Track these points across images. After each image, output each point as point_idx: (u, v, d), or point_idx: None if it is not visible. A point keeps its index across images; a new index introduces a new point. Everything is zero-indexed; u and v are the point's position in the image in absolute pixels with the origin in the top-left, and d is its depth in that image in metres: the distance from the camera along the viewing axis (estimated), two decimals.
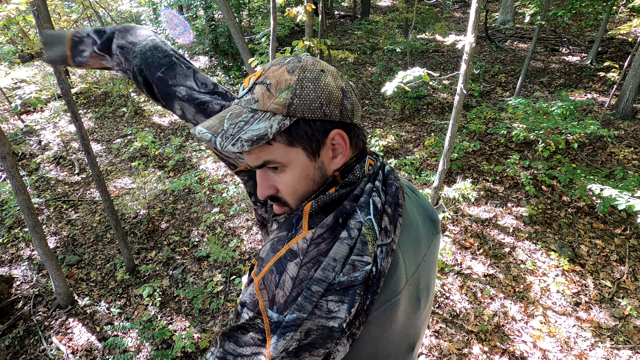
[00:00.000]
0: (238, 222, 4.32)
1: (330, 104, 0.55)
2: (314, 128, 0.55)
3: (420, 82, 4.82)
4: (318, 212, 0.56)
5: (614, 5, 6.28)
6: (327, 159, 0.58)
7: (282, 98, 0.53)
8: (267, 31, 5.65)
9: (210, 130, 0.54)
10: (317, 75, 0.55)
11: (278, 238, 0.55)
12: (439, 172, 2.61)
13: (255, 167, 0.59)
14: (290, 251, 0.52)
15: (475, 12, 2.09)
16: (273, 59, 3.67)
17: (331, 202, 0.57)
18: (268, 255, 0.54)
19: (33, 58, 10.40)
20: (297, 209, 0.60)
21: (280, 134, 0.54)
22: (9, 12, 2.28)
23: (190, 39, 8.82)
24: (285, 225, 0.57)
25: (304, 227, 0.55)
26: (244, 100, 0.57)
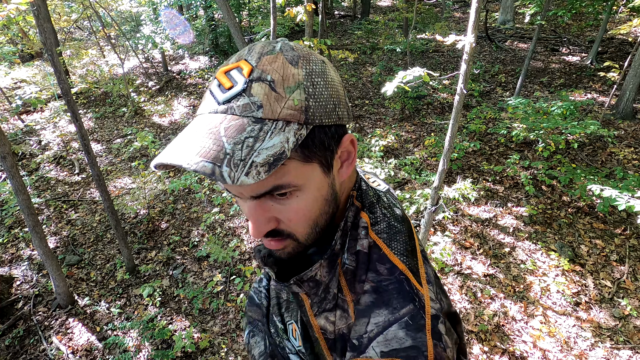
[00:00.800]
0: (238, 222, 4.32)
1: (340, 103, 0.46)
2: (330, 135, 0.45)
3: (420, 82, 4.82)
4: (410, 265, 0.50)
5: (614, 5, 6.28)
6: (336, 171, 0.50)
7: (296, 100, 0.41)
8: (267, 31, 5.65)
9: (207, 158, 0.37)
10: (322, 67, 0.45)
11: (410, 314, 0.45)
12: (439, 172, 2.60)
13: (251, 198, 0.45)
14: (434, 317, 0.46)
15: (475, 12, 2.09)
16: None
17: (407, 246, 0.52)
18: (418, 338, 0.43)
19: (33, 58, 10.41)
20: (306, 240, 0.50)
21: (296, 148, 0.42)
22: (9, 12, 2.28)
23: (190, 39, 8.82)
24: (398, 297, 0.46)
25: (418, 287, 0.48)
26: (238, 105, 0.41)
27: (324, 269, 0.51)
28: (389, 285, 0.47)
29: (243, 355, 2.92)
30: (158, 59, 9.36)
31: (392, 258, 0.49)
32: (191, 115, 7.07)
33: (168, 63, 9.16)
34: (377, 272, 0.49)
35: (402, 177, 4.65)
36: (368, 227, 0.52)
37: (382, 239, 0.51)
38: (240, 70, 0.42)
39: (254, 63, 0.42)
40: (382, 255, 0.50)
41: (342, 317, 0.50)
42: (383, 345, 0.43)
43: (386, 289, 0.47)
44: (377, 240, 0.51)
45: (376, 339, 0.44)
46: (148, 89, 8.21)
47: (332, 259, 0.51)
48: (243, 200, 0.47)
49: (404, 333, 0.43)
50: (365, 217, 0.53)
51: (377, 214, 0.54)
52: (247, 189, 0.44)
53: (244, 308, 0.58)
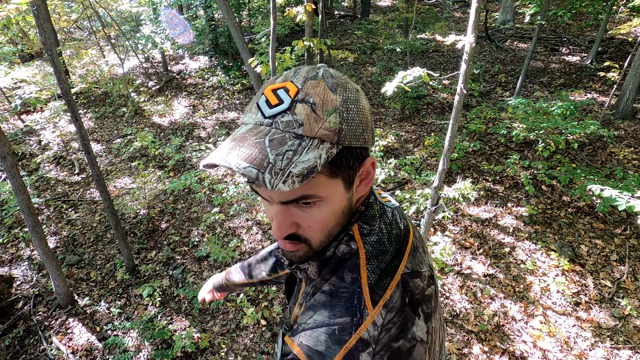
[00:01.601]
0: (238, 222, 4.32)
1: (367, 128, 0.51)
2: (355, 156, 0.50)
3: (420, 82, 4.82)
4: (376, 284, 0.50)
5: (614, 5, 6.28)
6: (355, 187, 0.54)
7: (332, 123, 0.46)
8: (267, 31, 5.64)
9: (253, 164, 0.43)
10: (356, 95, 0.51)
11: (340, 326, 0.47)
12: (439, 172, 2.61)
13: (280, 203, 0.51)
14: (361, 341, 0.46)
15: (475, 12, 2.09)
16: (273, 59, 3.67)
17: (386, 266, 0.52)
18: (330, 349, 0.45)
19: (33, 58, 10.41)
20: (318, 246, 0.55)
21: (326, 164, 0.47)
22: (8, 12, 2.28)
23: (190, 39, 8.82)
24: (342, 306, 0.49)
25: (368, 306, 0.48)
26: (282, 121, 0.46)
27: (314, 268, 0.58)
28: (344, 294, 0.51)
29: (243, 355, 2.92)
30: (158, 59, 9.36)
31: (361, 270, 0.52)
32: (191, 115, 7.07)
33: (168, 63, 9.16)
34: (341, 278, 0.53)
35: (402, 177, 4.65)
36: (355, 235, 0.56)
37: (365, 250, 0.54)
38: (286, 91, 0.48)
39: (299, 85, 0.48)
40: (356, 264, 0.53)
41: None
42: (304, 338, 0.49)
43: (339, 296, 0.51)
44: (360, 249, 0.54)
45: (306, 331, 0.50)
46: (148, 89, 8.21)
47: (322, 262, 0.57)
48: (269, 204, 0.53)
49: (324, 338, 0.47)
50: (355, 227, 0.56)
51: (373, 227, 0.57)
52: (277, 195, 0.49)
53: None
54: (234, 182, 5.01)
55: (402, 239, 0.57)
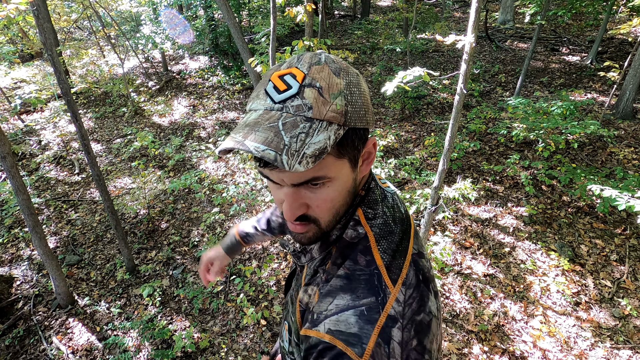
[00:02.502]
0: (238, 222, 4.32)
1: (369, 110, 0.54)
2: (359, 137, 0.53)
3: (420, 82, 4.82)
4: (390, 263, 0.53)
5: (614, 5, 6.28)
6: (359, 168, 0.57)
7: (339, 105, 0.49)
8: (267, 31, 5.64)
9: (270, 147, 0.45)
10: (358, 79, 0.53)
11: (367, 306, 0.48)
12: (439, 172, 2.61)
13: (291, 185, 0.52)
14: (390, 317, 0.47)
15: (475, 12, 2.09)
16: (273, 59, 3.67)
17: (396, 247, 0.55)
18: (364, 329, 0.46)
19: (33, 58, 10.41)
20: (327, 226, 0.57)
21: (334, 145, 0.49)
22: (8, 12, 2.28)
23: (190, 38, 8.82)
24: (364, 288, 0.50)
25: (388, 285, 0.50)
26: (292, 105, 0.48)
27: (316, 246, 0.62)
28: (361, 276, 0.52)
29: (243, 355, 2.92)
30: (158, 59, 9.36)
31: (374, 252, 0.54)
32: (191, 115, 7.07)
33: (168, 63, 9.16)
34: (355, 262, 0.54)
35: (402, 177, 4.65)
36: (361, 219, 0.58)
37: (374, 232, 0.56)
38: (293, 77, 0.50)
39: (305, 71, 0.50)
40: (367, 247, 0.54)
41: (314, 293, 0.57)
42: (332, 324, 0.48)
43: (357, 278, 0.51)
44: (369, 233, 0.56)
45: (330, 318, 0.49)
46: (148, 89, 8.21)
47: (325, 243, 0.60)
48: (279, 187, 0.55)
49: (355, 320, 0.47)
50: (359, 211, 0.59)
51: (377, 210, 0.59)
52: (289, 177, 0.51)
53: None
54: (234, 182, 5.01)
55: (405, 221, 0.60)
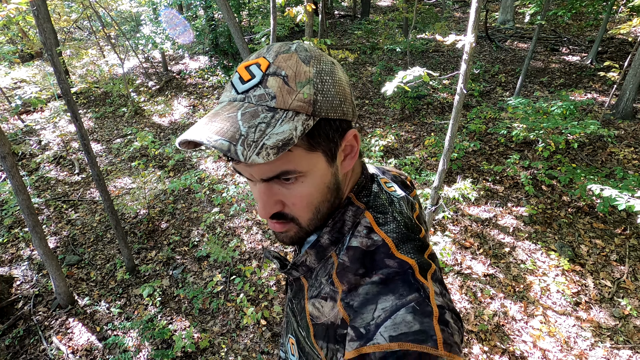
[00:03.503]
0: (238, 222, 4.32)
1: (346, 100, 0.51)
2: (334, 128, 0.50)
3: (420, 81, 4.82)
4: (420, 262, 0.51)
5: (614, 5, 6.28)
6: (339, 162, 0.54)
7: (306, 94, 0.46)
8: (267, 31, 5.64)
9: (224, 137, 0.42)
10: (332, 67, 0.50)
11: (415, 301, 0.46)
12: (439, 172, 2.61)
13: (261, 180, 0.50)
14: (439, 307, 0.46)
15: (475, 12, 2.09)
16: None
17: (417, 248, 0.53)
18: (425, 322, 0.44)
19: (33, 58, 10.41)
20: (308, 225, 0.54)
21: (302, 137, 0.47)
22: (8, 12, 2.28)
23: (190, 38, 8.82)
24: (404, 287, 0.47)
25: (423, 281, 0.48)
26: (255, 95, 0.46)
27: (312, 257, 0.58)
28: (397, 276, 0.49)
29: (243, 355, 2.92)
30: (158, 59, 9.36)
31: (399, 256, 0.51)
32: (191, 115, 7.07)
33: (168, 63, 9.16)
34: (386, 267, 0.50)
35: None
36: (372, 225, 0.55)
37: (391, 237, 0.53)
38: (258, 66, 0.48)
39: (271, 60, 0.48)
40: (390, 253, 0.51)
41: (333, 307, 0.52)
42: (391, 330, 0.43)
43: (394, 279, 0.48)
44: (387, 239, 0.53)
45: (384, 324, 0.44)
46: (148, 89, 8.21)
47: (319, 250, 0.57)
48: (254, 184, 0.52)
49: (411, 317, 0.44)
50: (369, 216, 0.56)
51: (387, 216, 0.56)
52: (257, 172, 0.49)
53: None
54: (234, 182, 5.01)
55: (416, 227, 0.58)
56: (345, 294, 0.51)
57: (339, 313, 0.50)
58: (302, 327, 0.59)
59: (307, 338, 0.57)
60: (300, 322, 0.60)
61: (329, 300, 0.53)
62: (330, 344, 0.51)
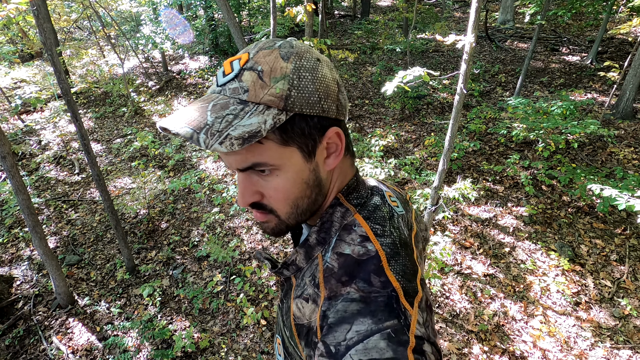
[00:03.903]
0: (238, 222, 4.32)
1: (328, 98, 0.50)
2: (312, 125, 0.50)
3: (420, 81, 4.82)
4: (406, 286, 0.49)
5: (614, 5, 6.27)
6: (321, 160, 0.54)
7: (278, 89, 0.47)
8: (267, 31, 5.65)
9: (190, 125, 0.45)
10: (314, 64, 0.50)
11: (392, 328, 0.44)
12: (439, 172, 2.61)
13: (238, 170, 0.52)
14: (417, 338, 0.44)
15: (475, 12, 2.09)
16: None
17: (407, 269, 0.51)
18: (398, 351, 0.42)
19: (33, 58, 10.41)
20: (287, 218, 0.55)
21: (274, 131, 0.47)
22: (8, 12, 2.28)
23: (190, 38, 8.82)
24: (384, 311, 0.46)
25: (407, 308, 0.46)
26: (230, 88, 0.48)
27: (301, 255, 0.58)
28: (379, 298, 0.47)
29: (243, 355, 2.92)
30: (158, 59, 9.36)
31: (388, 274, 0.49)
32: None
33: (168, 63, 9.16)
34: (369, 284, 0.48)
35: (402, 177, 4.65)
36: (369, 235, 0.53)
37: (385, 252, 0.52)
38: (239, 61, 0.49)
39: (252, 55, 0.49)
40: (380, 267, 0.50)
41: (314, 310, 0.51)
42: (362, 354, 0.42)
43: (375, 301, 0.47)
44: (380, 252, 0.51)
45: (355, 347, 0.43)
46: (148, 89, 8.21)
47: (308, 250, 0.57)
48: (237, 174, 0.54)
49: (385, 344, 0.42)
50: (365, 225, 0.55)
51: (385, 228, 0.55)
52: (232, 162, 0.50)
53: None
54: (234, 182, 5.00)
55: (409, 246, 0.57)
56: (326, 301, 0.50)
57: (316, 320, 0.50)
58: (286, 327, 0.59)
59: (291, 338, 0.57)
60: (286, 321, 0.60)
61: (311, 303, 0.53)
62: (307, 347, 0.51)
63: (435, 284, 3.18)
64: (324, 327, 0.47)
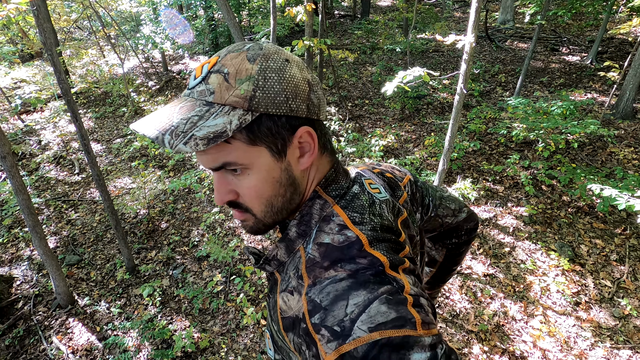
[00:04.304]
0: (238, 222, 4.32)
1: (297, 97, 0.51)
2: (279, 124, 0.50)
3: (420, 81, 4.82)
4: (392, 259, 0.52)
5: (614, 5, 6.27)
6: (294, 159, 0.54)
7: (243, 90, 0.48)
8: (267, 31, 5.65)
9: (157, 127, 0.46)
10: (282, 65, 0.51)
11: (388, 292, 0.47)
12: (439, 172, 2.61)
13: (212, 170, 0.53)
14: (412, 295, 0.48)
15: (475, 12, 2.09)
16: None
17: (392, 248, 0.54)
18: (400, 309, 0.45)
19: (33, 58, 10.41)
20: (263, 217, 0.56)
21: (241, 131, 0.49)
22: (8, 12, 2.28)
23: (190, 38, 8.82)
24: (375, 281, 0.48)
25: (395, 275, 0.49)
26: (197, 91, 0.50)
27: (282, 250, 0.58)
28: (367, 272, 0.48)
29: (243, 355, 2.92)
30: (158, 59, 9.36)
31: (373, 252, 0.51)
32: None
33: (168, 63, 9.16)
34: (356, 264, 0.50)
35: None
36: (346, 223, 0.54)
37: (366, 235, 0.53)
38: (209, 64, 0.51)
39: (220, 58, 0.51)
40: (362, 250, 0.51)
41: (299, 300, 0.52)
42: (368, 322, 0.43)
43: (365, 274, 0.48)
44: (361, 236, 0.53)
45: (360, 318, 0.44)
46: (148, 88, 8.21)
47: (289, 243, 0.58)
48: (213, 174, 0.56)
49: (386, 307, 0.44)
50: (342, 214, 0.55)
51: (364, 216, 0.56)
52: (205, 162, 0.52)
53: None
54: None
55: (395, 230, 0.58)
56: (310, 287, 0.51)
57: (302, 307, 0.50)
58: (274, 321, 0.60)
59: (278, 331, 0.58)
60: (273, 316, 0.60)
61: (295, 294, 0.53)
62: (295, 337, 0.52)
63: None
64: (316, 313, 0.48)
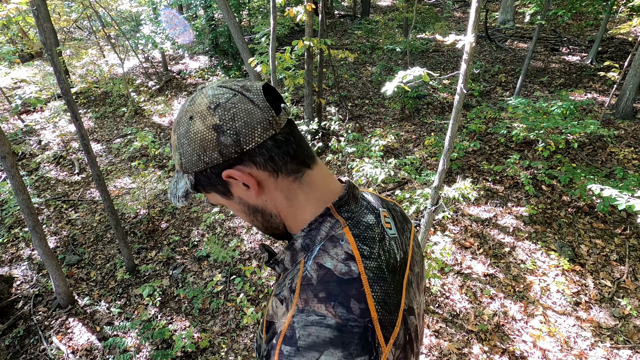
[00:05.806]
0: (238, 222, 4.32)
1: (206, 151, 0.53)
2: (207, 175, 0.57)
3: (420, 81, 4.82)
4: (384, 319, 0.52)
5: (614, 4, 6.27)
6: (243, 193, 0.58)
7: (176, 159, 0.59)
8: (267, 31, 5.65)
9: (170, 191, 0.65)
10: (187, 126, 0.55)
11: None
12: (439, 172, 2.60)
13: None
14: None
15: (475, 12, 2.09)
16: (273, 58, 3.67)
17: (390, 299, 0.55)
18: None
19: (33, 58, 10.41)
20: (262, 232, 0.68)
21: (195, 187, 0.60)
22: (8, 12, 2.28)
23: (190, 38, 8.81)
24: (357, 344, 0.49)
25: (381, 343, 0.50)
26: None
27: (287, 257, 0.61)
28: (354, 328, 0.47)
29: (243, 355, 2.92)
30: (158, 59, 9.36)
31: (369, 301, 0.50)
32: None
33: (168, 63, 9.16)
34: (348, 310, 0.48)
35: (402, 177, 4.65)
36: (356, 257, 0.53)
37: (368, 277, 0.51)
38: None
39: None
40: (361, 292, 0.50)
41: (284, 315, 0.52)
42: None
43: (350, 331, 0.47)
44: (362, 275, 0.51)
45: None
46: (148, 88, 8.21)
47: (293, 253, 0.59)
48: None
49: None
50: (352, 243, 0.54)
51: (373, 250, 0.55)
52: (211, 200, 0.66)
53: None
54: None
55: (399, 271, 0.57)
56: (298, 312, 0.50)
57: (283, 325, 0.50)
58: (263, 319, 0.63)
59: (261, 331, 0.60)
60: (264, 314, 0.63)
61: (284, 305, 0.54)
62: (265, 344, 0.53)
63: (435, 284, 3.18)
64: (289, 345, 0.48)
